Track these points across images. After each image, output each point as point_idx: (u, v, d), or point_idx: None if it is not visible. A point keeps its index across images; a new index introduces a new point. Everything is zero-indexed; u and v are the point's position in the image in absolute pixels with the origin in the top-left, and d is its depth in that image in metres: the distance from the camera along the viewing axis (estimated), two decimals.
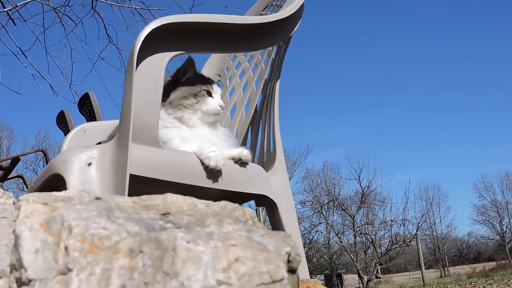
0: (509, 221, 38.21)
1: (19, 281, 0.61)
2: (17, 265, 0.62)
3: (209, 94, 1.60)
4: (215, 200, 1.00)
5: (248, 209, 0.69)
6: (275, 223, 1.59)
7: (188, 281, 0.52)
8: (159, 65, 1.36)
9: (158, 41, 1.36)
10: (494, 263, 29.83)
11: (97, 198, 0.67)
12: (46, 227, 0.60)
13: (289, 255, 0.57)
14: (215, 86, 1.65)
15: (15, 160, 4.08)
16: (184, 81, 1.59)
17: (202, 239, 0.55)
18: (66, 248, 0.56)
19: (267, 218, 1.92)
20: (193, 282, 0.52)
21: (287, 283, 0.54)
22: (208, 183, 1.42)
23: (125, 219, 0.59)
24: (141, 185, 1.33)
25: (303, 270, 1.53)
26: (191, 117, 1.56)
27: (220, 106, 1.61)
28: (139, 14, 6.24)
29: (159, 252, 0.54)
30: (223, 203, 0.72)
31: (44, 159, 4.16)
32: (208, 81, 1.64)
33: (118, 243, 0.55)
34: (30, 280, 0.57)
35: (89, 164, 1.30)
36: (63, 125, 3.54)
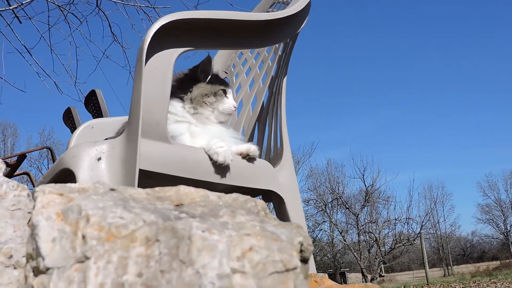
0: None
1: (36, 270, 0.63)
2: (34, 255, 0.63)
3: (225, 93, 1.63)
4: None
5: (260, 201, 0.70)
6: (282, 218, 1.60)
7: (203, 269, 0.53)
8: (168, 61, 1.38)
9: (166, 37, 1.37)
10: (498, 262, 29.76)
11: (112, 190, 0.69)
12: (63, 217, 0.61)
13: (302, 244, 0.58)
14: (229, 87, 1.68)
15: (22, 157, 4.11)
16: (203, 79, 1.61)
17: (216, 228, 0.56)
18: (83, 237, 0.57)
19: (274, 214, 1.93)
20: (208, 270, 0.53)
21: (300, 271, 0.55)
22: (216, 178, 1.43)
23: (141, 208, 0.60)
24: (149, 180, 1.35)
25: (310, 265, 1.54)
26: (209, 115, 1.59)
27: (234, 107, 1.64)
28: (144, 12, 6.26)
29: (175, 241, 0.55)
30: (235, 195, 0.73)
31: (50, 156, 4.18)
32: (224, 82, 1.68)
33: (135, 232, 0.56)
34: (48, 269, 0.59)
35: (99, 159, 1.31)
36: (70, 122, 3.56)
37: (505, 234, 38.25)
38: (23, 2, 5.70)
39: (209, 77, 1.62)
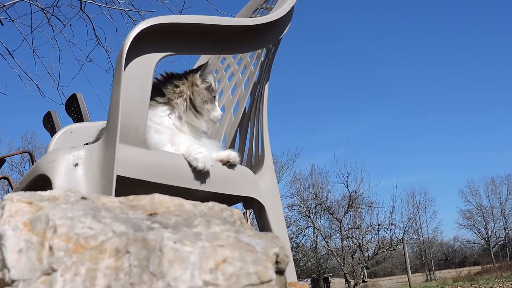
0: (494, 226, 38.63)
1: (1, 282, 0.60)
2: (0, 265, 0.61)
3: (215, 100, 1.61)
4: (202, 201, 0.99)
5: (236, 210, 0.69)
6: (263, 225, 1.59)
7: (174, 282, 0.51)
8: (148, 65, 1.36)
9: (147, 42, 1.35)
10: (479, 267, 30.07)
11: (83, 198, 0.67)
12: (30, 227, 0.59)
13: (277, 256, 0.57)
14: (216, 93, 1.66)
15: (1, 161, 4.04)
16: (204, 84, 1.58)
17: (189, 239, 0.54)
18: (50, 248, 0.55)
19: (255, 221, 1.92)
20: (180, 283, 0.51)
21: (275, 284, 0.54)
22: (195, 185, 1.42)
23: (111, 218, 0.58)
24: (128, 187, 1.32)
25: (290, 273, 1.53)
26: (202, 124, 1.56)
27: (221, 115, 1.63)
28: (128, 16, 6.22)
29: (146, 252, 0.53)
30: (211, 203, 0.71)
31: (30, 161, 4.12)
32: (214, 88, 1.64)
33: (104, 243, 0.54)
34: (13, 281, 0.56)
35: (76, 164, 1.28)
36: (50, 126, 3.51)
37: (486, 239, 38.70)
38: (6, 4, 5.63)
39: (211, 82, 1.59)
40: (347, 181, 25.28)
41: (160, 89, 1.53)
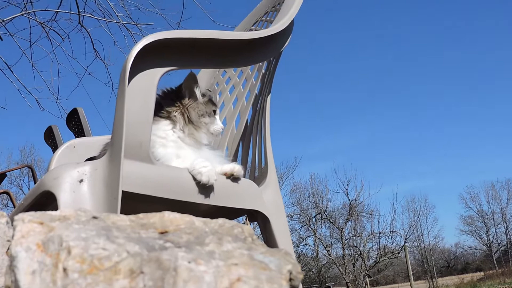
0: (496, 231, 38.56)
1: None
2: (12, 287, 0.61)
3: (215, 114, 1.62)
4: (206, 215, 0.99)
5: (246, 226, 0.69)
6: (268, 238, 1.59)
7: None
8: (151, 80, 1.36)
9: (149, 57, 1.36)
10: (482, 273, 30.00)
11: (94, 217, 0.67)
12: (43, 248, 0.59)
13: (291, 273, 0.57)
14: (217, 107, 1.66)
15: (1, 176, 4.04)
16: (192, 97, 1.58)
17: (203, 258, 0.54)
18: (64, 270, 0.55)
19: (255, 230, 1.92)
20: None
21: None
22: (200, 199, 1.42)
23: (124, 238, 0.58)
24: (132, 202, 1.32)
25: None
26: (203, 137, 1.56)
27: (222, 128, 1.63)
28: (127, 29, 6.26)
29: (160, 273, 0.53)
30: (221, 220, 0.71)
31: (31, 175, 4.12)
32: (214, 102, 1.65)
33: (118, 263, 0.55)
34: None
35: (81, 181, 1.28)
36: (51, 140, 3.51)
37: (488, 245, 38.60)
38: (5, 19, 5.66)
39: (203, 96, 1.60)
40: (347, 189, 25.29)
41: (160, 104, 1.53)
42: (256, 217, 1.59)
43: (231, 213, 1.67)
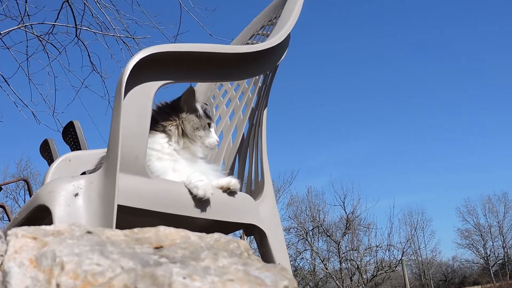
0: (493, 245, 38.47)
1: None
2: None
3: (210, 127, 1.62)
4: (202, 229, 0.98)
5: (242, 242, 0.68)
6: (265, 252, 1.58)
7: None
8: (147, 94, 1.36)
9: (146, 70, 1.36)
10: (479, 287, 29.87)
11: (88, 232, 0.66)
12: (36, 263, 0.58)
13: None
14: (213, 120, 1.67)
15: None
16: (190, 111, 1.59)
17: (198, 274, 0.54)
18: (58, 286, 0.55)
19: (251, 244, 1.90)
20: None
21: None
22: (195, 213, 1.41)
23: (118, 254, 0.58)
24: (128, 216, 1.32)
25: None
26: (197, 150, 1.56)
27: (217, 141, 1.63)
28: (123, 42, 6.28)
29: None
30: (216, 235, 0.71)
31: (27, 188, 4.09)
32: (209, 115, 1.65)
33: (112, 279, 0.54)
34: None
35: (76, 194, 1.28)
36: (47, 154, 3.50)
37: (485, 258, 38.49)
38: (2, 32, 5.67)
39: (194, 108, 1.60)
40: (344, 203, 25.25)
41: (155, 118, 1.53)
42: (252, 231, 1.59)
43: (227, 227, 1.67)
